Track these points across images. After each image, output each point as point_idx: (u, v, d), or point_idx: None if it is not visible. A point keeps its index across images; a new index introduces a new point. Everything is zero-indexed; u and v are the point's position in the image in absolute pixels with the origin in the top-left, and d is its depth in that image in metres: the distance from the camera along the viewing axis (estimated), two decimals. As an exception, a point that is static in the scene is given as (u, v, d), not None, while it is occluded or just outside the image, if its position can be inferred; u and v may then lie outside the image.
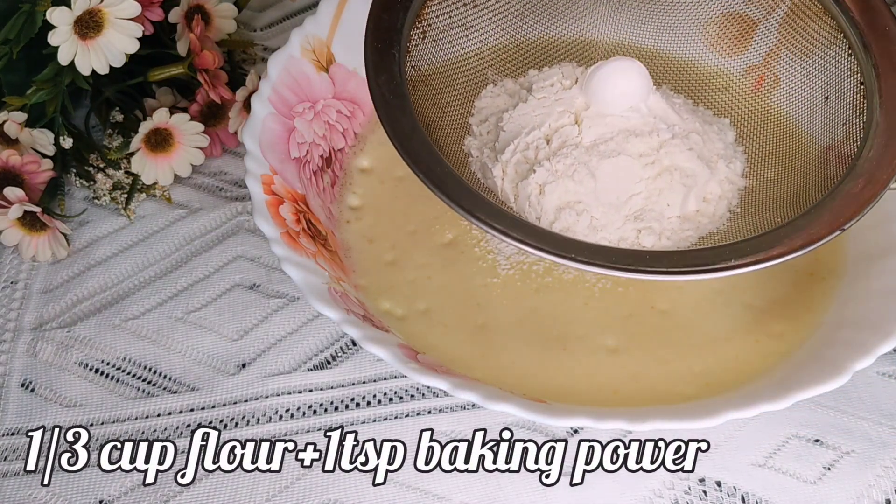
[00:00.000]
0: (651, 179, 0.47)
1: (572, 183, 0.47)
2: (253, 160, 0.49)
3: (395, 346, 0.43)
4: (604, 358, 0.47)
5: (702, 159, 0.48)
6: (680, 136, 0.48)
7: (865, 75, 0.48)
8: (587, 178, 0.47)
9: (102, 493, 0.47)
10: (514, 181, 0.48)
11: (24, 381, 0.51)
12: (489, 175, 0.49)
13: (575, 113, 0.49)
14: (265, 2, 0.69)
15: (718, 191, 0.48)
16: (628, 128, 0.48)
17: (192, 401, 0.50)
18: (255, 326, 0.52)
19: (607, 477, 0.46)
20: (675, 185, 0.47)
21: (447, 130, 0.50)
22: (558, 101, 0.49)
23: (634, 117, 0.48)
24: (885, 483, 0.46)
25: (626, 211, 0.47)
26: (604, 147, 0.48)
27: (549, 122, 0.49)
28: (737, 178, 0.50)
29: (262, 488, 0.47)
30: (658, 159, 0.48)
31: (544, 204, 0.47)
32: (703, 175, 0.48)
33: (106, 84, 0.57)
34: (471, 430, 0.48)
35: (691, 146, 0.48)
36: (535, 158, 0.48)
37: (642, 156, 0.48)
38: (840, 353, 0.43)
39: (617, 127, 0.48)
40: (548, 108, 0.49)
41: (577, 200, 0.47)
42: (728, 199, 0.49)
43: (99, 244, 0.56)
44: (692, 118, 0.50)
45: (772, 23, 0.53)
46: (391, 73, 0.47)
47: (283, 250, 0.46)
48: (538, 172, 0.47)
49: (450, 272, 0.50)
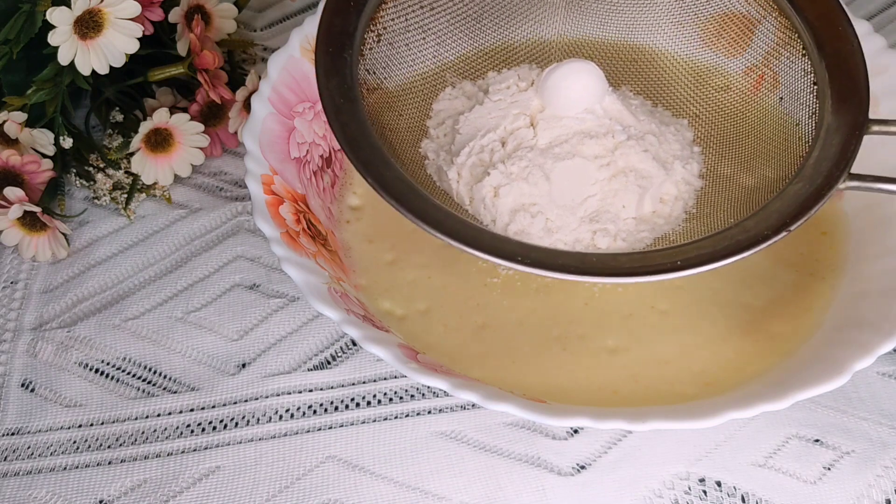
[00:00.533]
0: (606, 181, 0.47)
1: (527, 185, 0.47)
2: (253, 160, 0.49)
3: (395, 346, 0.43)
4: (604, 358, 0.47)
5: (657, 160, 0.48)
6: (635, 138, 0.48)
7: (818, 76, 0.47)
8: (542, 180, 0.47)
9: (102, 493, 0.47)
10: (469, 184, 0.48)
11: (24, 381, 0.51)
12: (444, 178, 0.49)
13: (531, 115, 0.49)
14: (265, 2, 0.69)
15: (675, 192, 0.48)
16: (583, 130, 0.48)
17: (192, 401, 0.50)
18: (255, 326, 0.52)
19: (607, 477, 0.46)
20: (631, 186, 0.47)
21: (403, 133, 0.50)
22: (514, 104, 0.49)
23: (589, 119, 0.48)
24: (885, 483, 0.46)
25: (581, 213, 0.47)
26: (558, 149, 0.48)
27: (504, 125, 0.49)
28: (693, 178, 0.49)
29: (262, 488, 0.47)
30: (613, 161, 0.48)
31: (499, 206, 0.47)
32: (658, 176, 0.48)
33: (106, 84, 0.57)
34: (471, 430, 0.48)
35: (646, 147, 0.48)
36: (490, 161, 0.48)
37: (597, 157, 0.48)
38: (840, 353, 0.43)
39: (572, 129, 0.48)
40: (503, 110, 0.49)
41: (531, 203, 0.47)
42: (684, 199, 0.49)
43: (99, 244, 0.56)
44: (648, 119, 0.50)
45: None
46: (343, 76, 0.46)
47: (283, 250, 0.46)
48: (493, 175, 0.47)
49: (450, 272, 0.50)
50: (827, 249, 0.51)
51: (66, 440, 0.49)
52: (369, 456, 0.47)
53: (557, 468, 0.47)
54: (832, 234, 0.52)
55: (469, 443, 0.48)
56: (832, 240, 0.51)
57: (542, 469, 0.47)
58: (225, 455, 0.48)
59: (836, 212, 0.52)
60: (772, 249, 0.51)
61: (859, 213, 0.51)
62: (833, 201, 0.53)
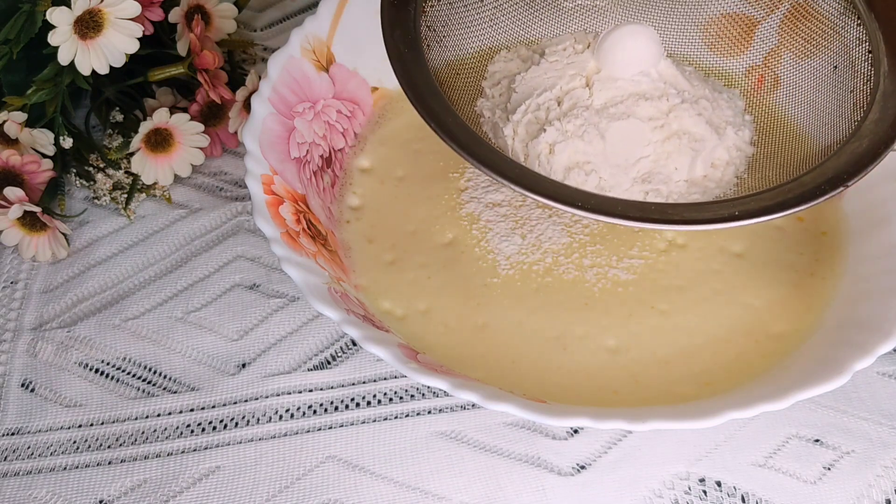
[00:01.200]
0: (659, 143, 0.48)
1: (582, 143, 0.47)
2: (253, 160, 0.49)
3: (395, 346, 0.43)
4: (604, 358, 0.47)
5: (710, 125, 0.49)
6: (689, 102, 0.49)
7: (873, 44, 0.48)
8: (597, 139, 0.47)
9: (102, 493, 0.47)
10: (524, 141, 0.49)
11: (24, 381, 0.51)
12: (500, 135, 0.50)
13: (586, 76, 0.50)
14: (265, 2, 0.69)
15: (726, 157, 0.49)
16: (638, 92, 0.49)
17: (192, 401, 0.50)
18: (255, 326, 0.52)
19: (607, 477, 0.46)
20: (684, 149, 0.48)
21: (460, 91, 0.50)
22: (570, 65, 0.50)
23: (645, 82, 0.49)
24: (885, 483, 0.46)
25: (633, 173, 0.47)
26: (614, 109, 0.48)
27: (560, 85, 0.49)
28: (745, 145, 0.50)
29: (262, 488, 0.47)
30: (667, 123, 0.48)
31: (554, 163, 0.47)
32: (711, 140, 0.48)
33: (106, 84, 0.57)
34: (471, 430, 0.48)
35: (700, 111, 0.49)
36: (545, 119, 0.49)
37: (651, 119, 0.48)
38: (840, 353, 0.43)
39: (627, 91, 0.49)
40: (560, 70, 0.50)
41: (586, 161, 0.47)
42: (736, 165, 0.49)
43: (99, 244, 0.56)
44: (702, 85, 0.51)
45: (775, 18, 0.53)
46: (406, 28, 0.47)
47: (283, 250, 0.46)
48: (549, 132, 0.48)
49: (450, 272, 0.50)
50: (827, 249, 0.51)
51: (66, 440, 0.49)
52: (369, 456, 0.47)
53: (557, 468, 0.47)
54: (832, 234, 0.52)
55: (469, 443, 0.48)
56: (832, 240, 0.51)
57: (542, 469, 0.47)
58: (225, 455, 0.48)
59: (836, 212, 0.52)
60: (772, 250, 0.51)
61: (859, 213, 0.51)
62: (833, 201, 0.53)
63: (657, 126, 0.48)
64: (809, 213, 0.53)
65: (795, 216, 0.53)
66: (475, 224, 0.52)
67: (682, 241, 0.51)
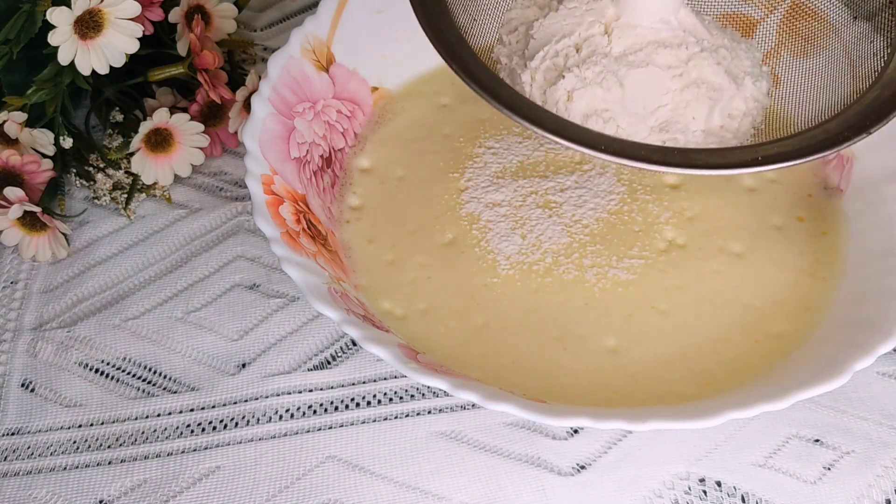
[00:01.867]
0: (678, 91, 0.47)
1: (601, 90, 0.47)
2: (253, 160, 0.49)
3: (395, 346, 0.43)
4: (604, 358, 0.47)
5: (729, 74, 0.48)
6: (709, 50, 0.48)
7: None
8: (615, 86, 0.47)
9: (102, 493, 0.47)
10: (542, 87, 0.48)
11: (24, 381, 0.51)
12: (518, 81, 0.49)
13: (605, 23, 0.49)
14: (265, 2, 0.69)
15: (744, 107, 0.48)
16: (658, 40, 0.48)
17: (192, 401, 0.50)
18: (255, 326, 0.52)
19: (607, 477, 0.46)
20: (702, 97, 0.47)
21: (478, 38, 0.50)
22: (589, 11, 0.49)
23: (664, 29, 0.48)
24: (885, 483, 0.46)
25: (651, 122, 0.47)
26: (632, 57, 0.48)
27: (578, 32, 0.49)
28: (762, 96, 0.49)
29: (262, 488, 0.47)
30: (686, 72, 0.47)
31: (572, 110, 0.47)
32: (729, 90, 0.48)
33: (106, 84, 0.57)
34: (471, 430, 0.48)
35: (719, 61, 0.48)
36: (564, 65, 0.48)
37: (670, 67, 0.47)
38: (840, 353, 0.43)
39: (646, 38, 0.48)
40: (578, 17, 0.49)
41: (604, 108, 0.47)
42: (753, 116, 0.48)
43: (99, 244, 0.56)
44: (721, 34, 0.50)
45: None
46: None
47: (283, 250, 0.46)
48: (567, 78, 0.47)
49: (450, 272, 0.50)
50: (827, 249, 0.51)
51: (66, 440, 0.49)
52: (369, 456, 0.47)
53: (557, 468, 0.47)
54: (832, 234, 0.52)
55: (469, 443, 0.48)
56: (832, 240, 0.51)
57: (542, 469, 0.47)
58: (225, 455, 0.48)
59: (836, 212, 0.52)
60: (772, 250, 0.51)
61: (859, 213, 0.51)
62: (833, 201, 0.53)
63: (676, 75, 0.47)
64: (809, 212, 0.53)
65: (796, 216, 0.53)
66: (475, 224, 0.52)
67: (682, 241, 0.51)
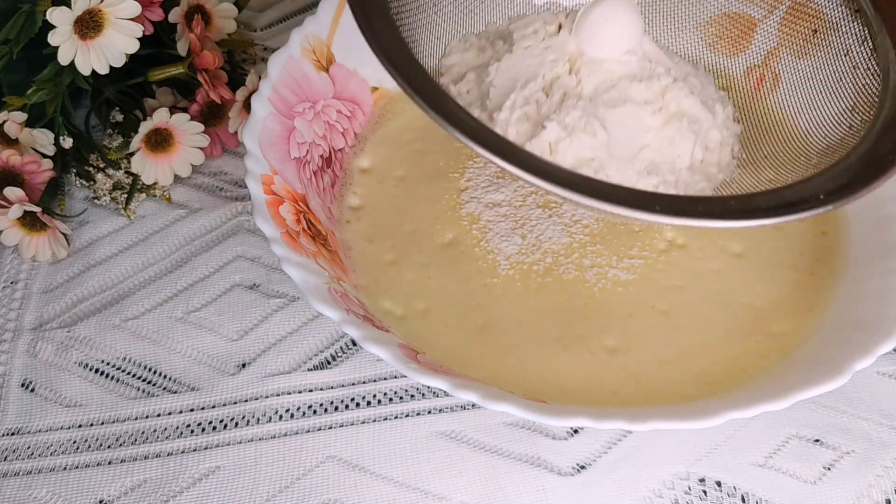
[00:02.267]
0: (660, 128, 0.44)
1: (587, 136, 0.43)
2: (253, 160, 0.49)
3: (395, 346, 0.43)
4: (604, 358, 0.47)
5: (704, 104, 0.45)
6: (680, 80, 0.45)
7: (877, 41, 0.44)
8: (599, 130, 0.43)
9: (102, 493, 0.47)
10: (520, 142, 0.44)
11: (24, 381, 0.51)
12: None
13: (569, 60, 0.45)
14: (265, 2, 0.69)
15: (719, 137, 0.45)
16: (628, 73, 0.45)
17: (192, 401, 0.50)
18: (255, 326, 0.52)
19: (607, 477, 0.46)
20: (685, 132, 0.44)
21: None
22: (548, 49, 0.45)
23: (633, 61, 0.45)
24: (885, 483, 0.46)
25: (638, 165, 0.44)
26: (607, 96, 0.44)
27: (542, 73, 0.45)
28: (731, 122, 0.47)
29: (262, 488, 0.47)
30: (664, 105, 0.44)
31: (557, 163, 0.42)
32: (707, 120, 0.45)
33: (106, 84, 0.57)
34: (471, 430, 0.48)
35: (692, 90, 0.45)
36: (538, 113, 0.44)
37: (647, 103, 0.44)
38: (840, 353, 0.43)
39: (616, 73, 0.45)
40: (538, 56, 0.45)
41: (591, 157, 0.43)
42: (730, 144, 0.46)
43: (99, 244, 0.56)
44: (681, 61, 0.47)
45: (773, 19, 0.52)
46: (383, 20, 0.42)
47: (283, 250, 0.46)
48: (549, 128, 0.43)
49: (450, 272, 0.50)
50: (827, 249, 0.51)
51: (66, 440, 0.49)
52: (369, 456, 0.47)
53: (557, 468, 0.47)
54: (832, 234, 0.52)
55: (469, 443, 0.48)
56: (832, 240, 0.51)
57: (542, 469, 0.47)
58: (225, 455, 0.48)
59: (836, 212, 0.52)
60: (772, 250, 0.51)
61: (859, 213, 0.51)
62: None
63: (655, 110, 0.44)
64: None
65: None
66: (475, 224, 0.52)
67: (682, 241, 0.51)
